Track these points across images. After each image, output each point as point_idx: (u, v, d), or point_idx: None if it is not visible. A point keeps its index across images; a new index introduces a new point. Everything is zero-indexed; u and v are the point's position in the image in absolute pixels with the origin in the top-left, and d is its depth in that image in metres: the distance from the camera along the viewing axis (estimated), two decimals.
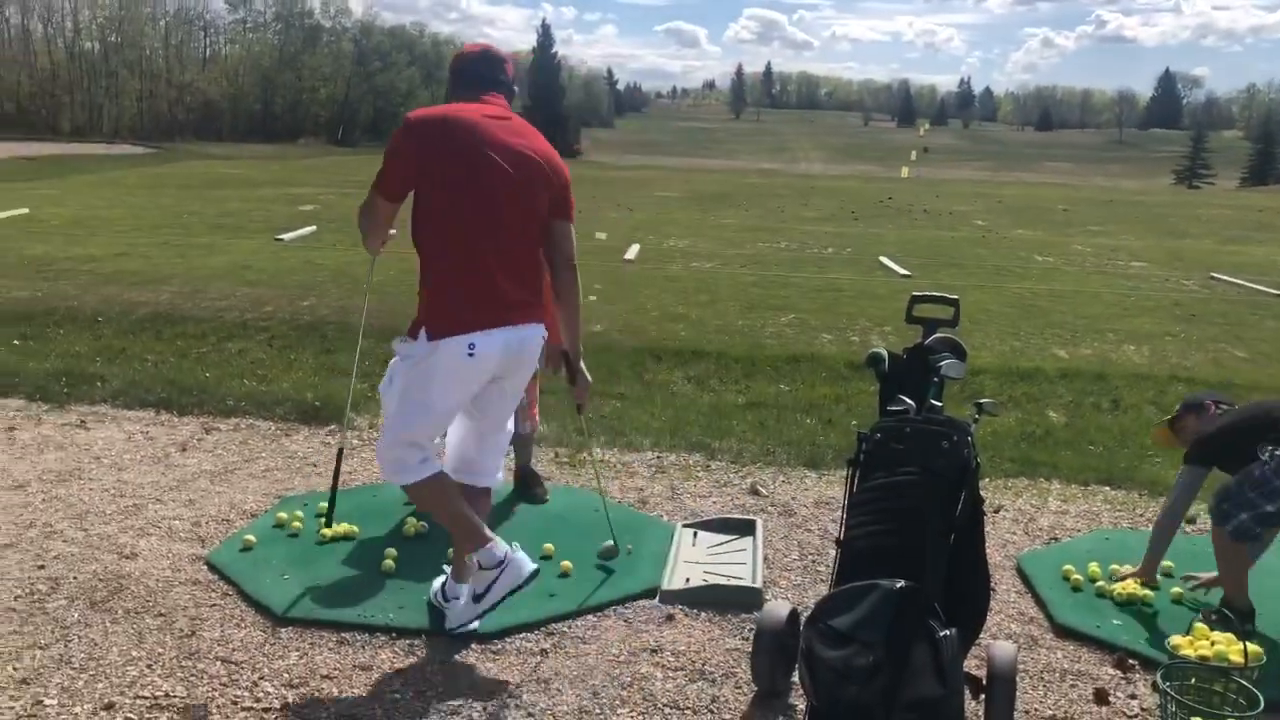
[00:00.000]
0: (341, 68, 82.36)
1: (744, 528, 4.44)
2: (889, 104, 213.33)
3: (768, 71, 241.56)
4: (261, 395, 6.31)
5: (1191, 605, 3.87)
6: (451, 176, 3.18)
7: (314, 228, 15.08)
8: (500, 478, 3.71)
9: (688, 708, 3.09)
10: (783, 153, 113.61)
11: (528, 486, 4.80)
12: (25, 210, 16.40)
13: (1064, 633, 3.71)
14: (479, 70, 3.41)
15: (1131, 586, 3.96)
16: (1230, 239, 20.84)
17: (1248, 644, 3.14)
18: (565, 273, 3.46)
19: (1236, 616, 3.52)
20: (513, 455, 4.78)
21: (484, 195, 3.19)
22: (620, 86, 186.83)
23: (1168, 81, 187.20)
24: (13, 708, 2.92)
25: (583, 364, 3.77)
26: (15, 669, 3.12)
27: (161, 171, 30.68)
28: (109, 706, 2.94)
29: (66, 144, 48.86)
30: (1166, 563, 4.13)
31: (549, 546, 4.11)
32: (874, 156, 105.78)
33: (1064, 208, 28.80)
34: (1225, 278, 13.76)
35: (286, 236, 13.89)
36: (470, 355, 3.18)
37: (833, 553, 4.18)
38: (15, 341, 7.44)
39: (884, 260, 13.99)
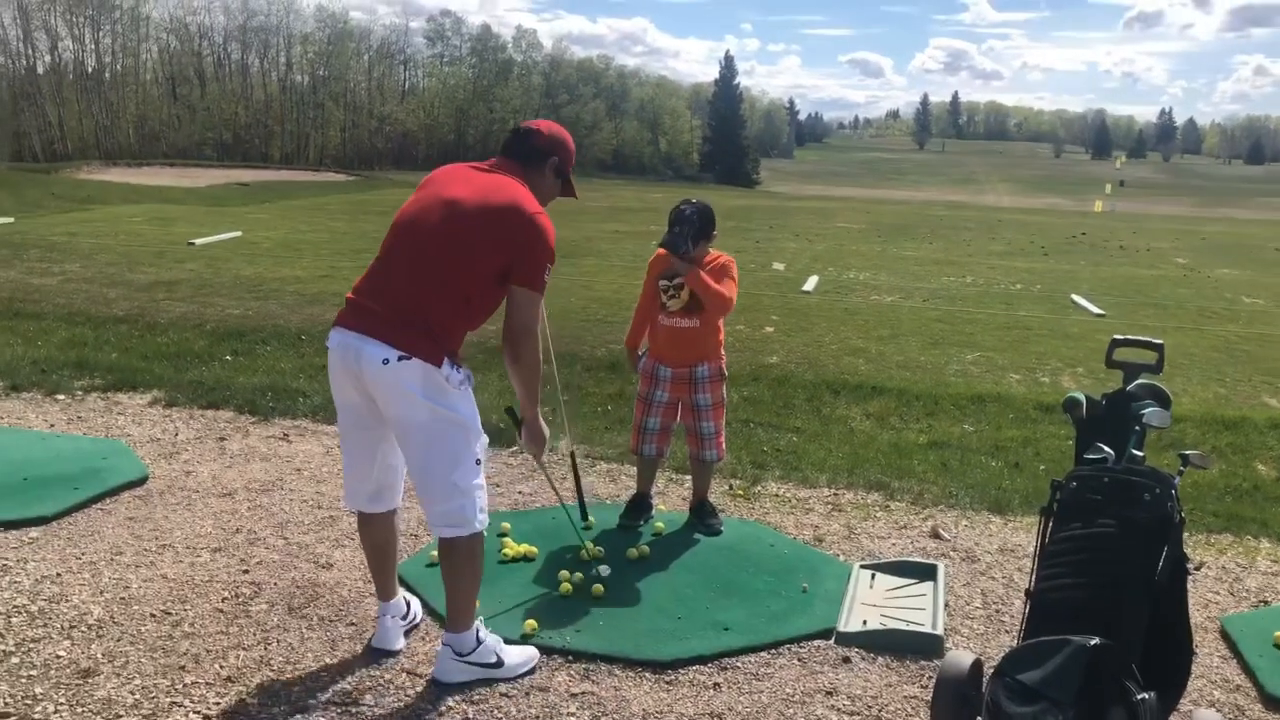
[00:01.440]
0: (531, 100, 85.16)
1: (925, 572, 4.32)
2: (1083, 135, 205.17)
3: (954, 101, 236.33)
4: None
5: None
6: (399, 215, 3.36)
7: None
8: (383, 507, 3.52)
9: None
10: (968, 184, 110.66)
11: (702, 517, 4.81)
12: (239, 233, 17.56)
13: (1274, 704, 3.45)
14: (504, 143, 3.50)
15: None
16: None
17: None
18: (510, 342, 3.30)
19: None
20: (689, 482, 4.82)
21: (411, 224, 3.29)
22: (801, 117, 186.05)
23: None
24: (219, 704, 3.11)
25: (541, 420, 3.61)
26: (221, 667, 3.33)
27: (363, 198, 32.35)
28: (303, 710, 3.10)
29: (276, 171, 52.16)
30: None
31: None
32: (1065, 189, 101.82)
33: (1277, 247, 26.98)
34: None
35: None
36: (329, 346, 3.30)
37: (1018, 603, 4.04)
38: (227, 357, 7.96)
39: (1076, 298, 13.43)
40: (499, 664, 3.36)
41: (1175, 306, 13.19)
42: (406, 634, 3.60)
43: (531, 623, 3.68)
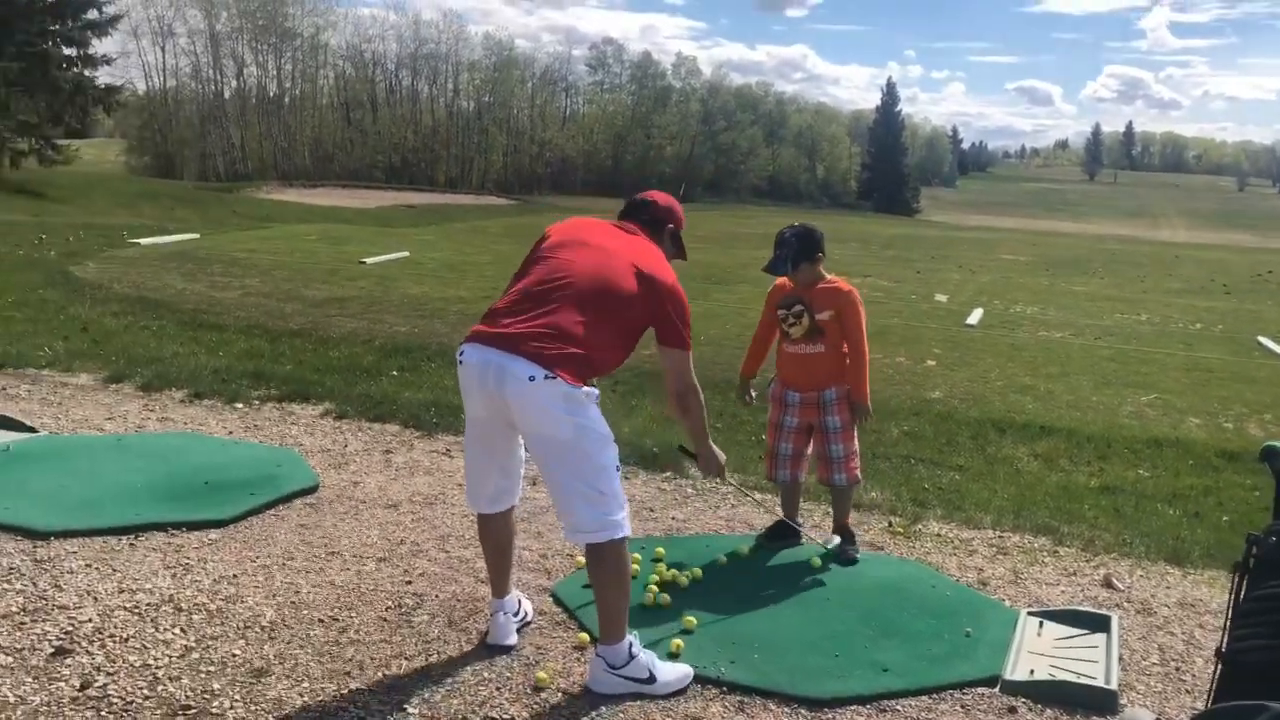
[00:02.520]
0: (688, 126, 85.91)
1: (1097, 623, 4.10)
2: (1269, 168, 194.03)
3: (1128, 131, 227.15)
4: None
5: None
6: (540, 244, 3.59)
7: None
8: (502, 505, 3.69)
9: None
10: (1142, 217, 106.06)
11: (842, 544, 4.72)
12: (407, 253, 18.22)
13: None
14: (624, 211, 3.81)
15: None
16: None
17: None
18: (676, 399, 3.57)
19: None
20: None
21: (565, 259, 3.44)
22: (965, 145, 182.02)
23: None
24: (381, 710, 3.18)
25: (713, 445, 3.83)
26: (384, 675, 3.41)
27: (522, 221, 33.19)
28: None
29: (441, 194, 54.06)
30: None
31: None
32: (1249, 224, 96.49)
33: None
34: None
35: None
36: (460, 361, 3.38)
37: (1200, 661, 3.81)
38: (394, 372, 8.24)
39: (1263, 341, 12.66)
40: (651, 680, 3.37)
41: None
42: (519, 630, 3.74)
43: (678, 642, 3.67)
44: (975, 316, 13.18)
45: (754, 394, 4.98)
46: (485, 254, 19.48)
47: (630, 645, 3.38)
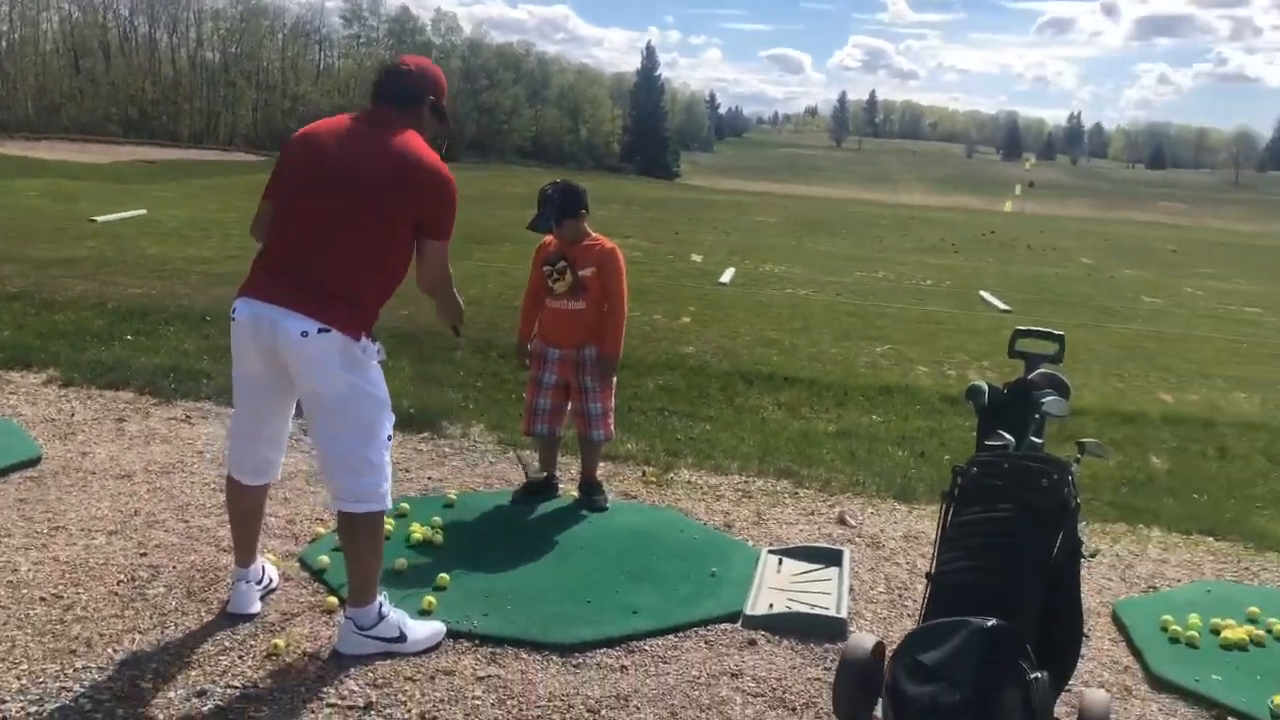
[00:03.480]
0: (450, 84, 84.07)
1: (831, 557, 4.39)
2: (994, 137, 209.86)
3: (871, 100, 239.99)
4: None
5: None
6: (288, 177, 3.29)
7: None
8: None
9: None
10: (883, 182, 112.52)
11: (589, 494, 4.85)
12: (144, 211, 17.07)
13: (1160, 685, 3.58)
14: (375, 86, 3.38)
15: (1240, 632, 3.85)
16: None
17: None
18: (429, 290, 3.40)
19: None
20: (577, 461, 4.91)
21: (315, 191, 3.20)
22: (722, 110, 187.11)
23: None
24: (111, 688, 3.02)
25: (456, 290, 3.57)
26: (115, 650, 3.23)
27: None
28: (201, 694, 3.02)
29: (185, 150, 50.78)
30: (1272, 620, 3.97)
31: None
32: (977, 189, 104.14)
33: (1174, 249, 27.97)
34: None
35: None
36: (233, 318, 3.23)
37: (920, 587, 4.12)
38: (129, 336, 7.73)
39: (984, 295, 13.75)
40: (402, 638, 3.34)
41: (1079, 304, 13.59)
42: (262, 599, 3.63)
43: (430, 599, 3.67)
44: (728, 275, 13.66)
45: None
46: (231, 211, 18.49)
47: (380, 606, 3.34)
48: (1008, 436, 2.96)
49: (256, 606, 3.56)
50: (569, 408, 4.84)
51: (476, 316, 8.64)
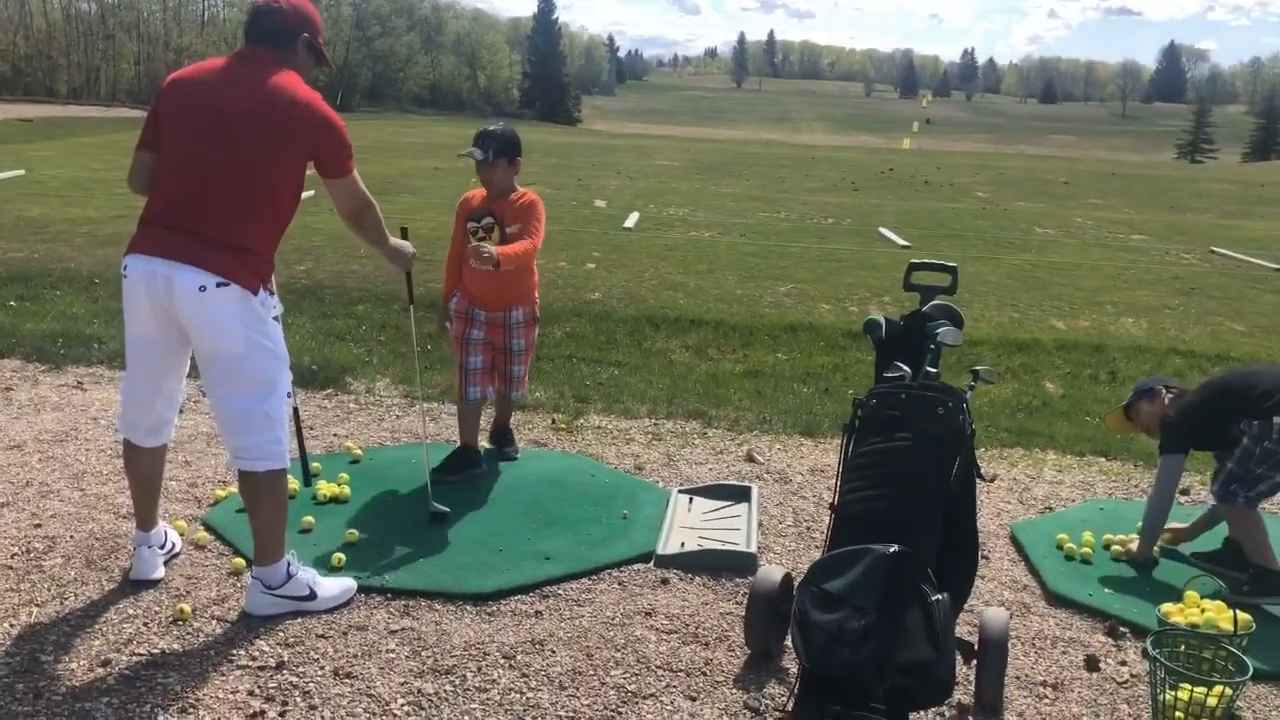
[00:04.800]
0: (340, 32, 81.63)
1: (740, 494, 4.46)
2: (892, 75, 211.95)
3: (770, 40, 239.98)
4: None
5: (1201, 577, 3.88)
6: (165, 124, 3.19)
7: (311, 192, 14.97)
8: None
9: (681, 670, 3.11)
10: (785, 123, 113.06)
11: (502, 444, 4.83)
12: (22, 171, 16.31)
13: (1056, 600, 3.73)
14: (247, 26, 3.29)
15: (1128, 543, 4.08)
16: (1231, 214, 20.77)
17: (1237, 612, 3.15)
18: (351, 223, 3.39)
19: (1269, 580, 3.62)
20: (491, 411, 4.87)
21: (196, 140, 3.11)
22: (621, 54, 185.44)
23: (1172, 55, 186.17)
24: (9, 663, 2.93)
25: (393, 240, 3.65)
26: (11, 625, 3.14)
27: None
28: (105, 663, 2.96)
29: (63, 106, 48.53)
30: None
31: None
32: (876, 127, 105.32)
33: (1065, 180, 28.68)
34: (1225, 252, 13.73)
35: None
36: (124, 275, 3.16)
37: (825, 519, 4.22)
38: (12, 303, 7.43)
39: (884, 231, 13.95)
40: (312, 596, 3.31)
41: (975, 237, 13.86)
42: (168, 563, 3.57)
43: (339, 556, 3.64)
44: (632, 220, 13.61)
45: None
46: (118, 170, 17.74)
47: (288, 564, 3.30)
48: (904, 368, 3.03)
49: (160, 572, 3.49)
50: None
51: (376, 270, 8.49)
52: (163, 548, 3.58)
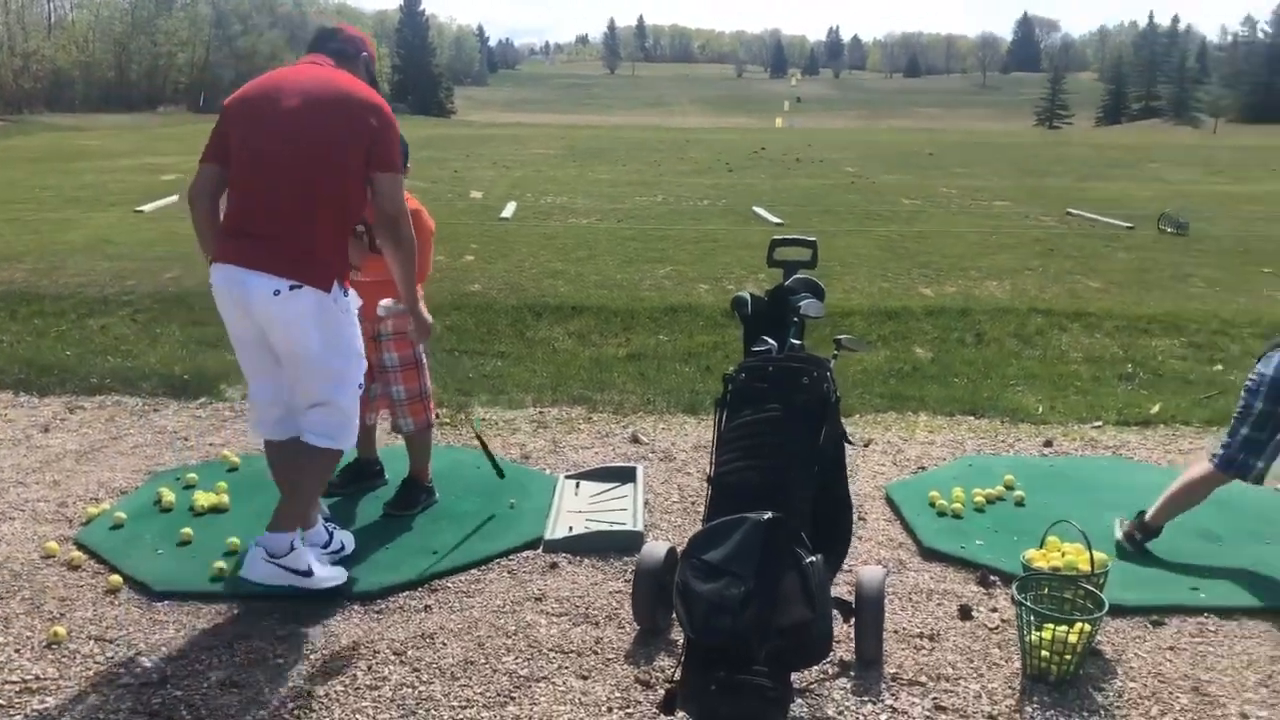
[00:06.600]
0: (200, 31, 79.01)
1: (625, 475, 4.52)
2: (762, 56, 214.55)
3: (640, 25, 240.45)
4: (127, 371, 6.13)
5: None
6: (238, 139, 3.30)
7: (176, 198, 14.54)
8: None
9: (572, 650, 3.16)
10: (659, 107, 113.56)
11: (395, 498, 4.21)
12: None
13: (930, 555, 3.89)
14: (316, 41, 3.56)
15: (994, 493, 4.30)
16: (1086, 176, 21.71)
17: (1094, 552, 3.34)
18: (386, 227, 3.37)
19: (1142, 533, 3.80)
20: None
21: (268, 147, 3.25)
22: (493, 43, 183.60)
23: (1026, 26, 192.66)
24: None
25: (423, 307, 3.65)
26: None
27: (10, 144, 29.13)
28: None
29: None
30: (1021, 489, 4.38)
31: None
32: (749, 108, 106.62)
33: (930, 152, 29.54)
34: (1081, 213, 14.35)
35: (148, 208, 13.39)
36: (211, 284, 3.31)
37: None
38: None
39: (757, 210, 14.19)
40: (309, 573, 3.37)
41: (845, 211, 14.20)
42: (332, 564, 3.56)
43: (220, 565, 3.58)
44: (510, 210, 13.57)
45: None
46: None
47: (293, 540, 3.35)
48: (771, 341, 3.11)
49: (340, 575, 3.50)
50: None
51: None
52: (326, 547, 3.61)
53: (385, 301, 3.78)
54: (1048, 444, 5.23)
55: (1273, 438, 3.70)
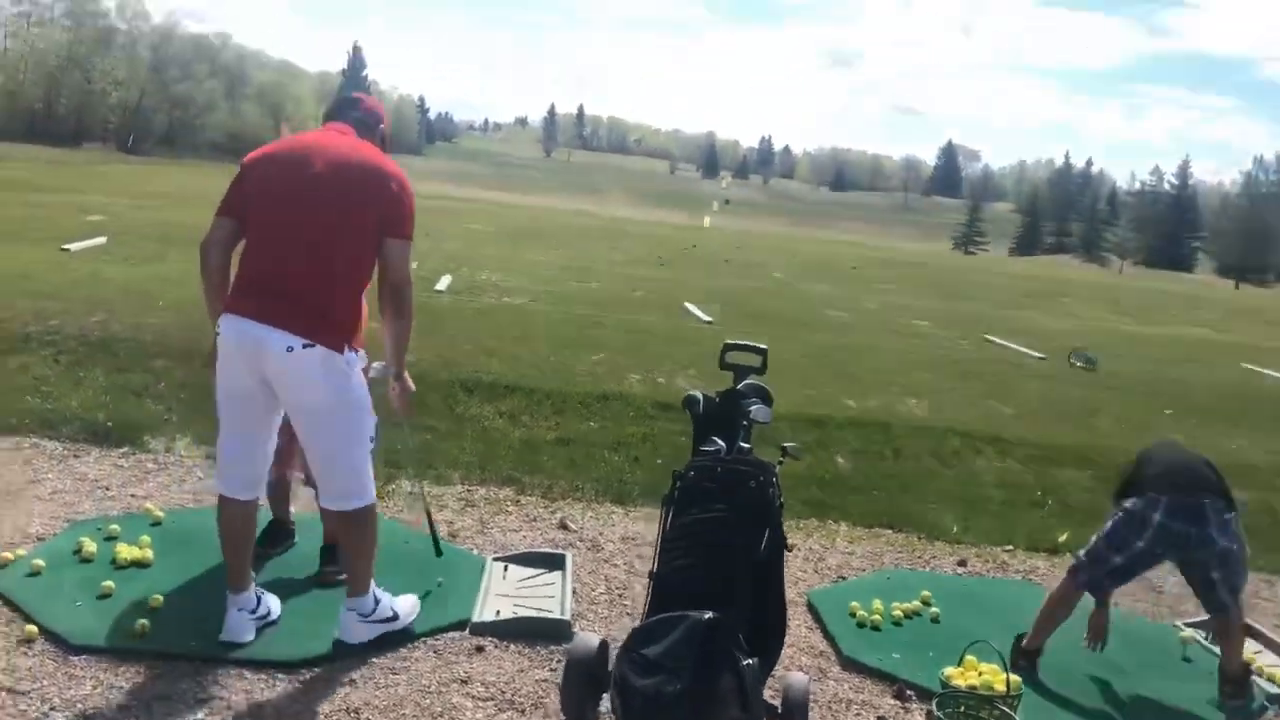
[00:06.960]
0: (137, 73, 78.20)
1: (553, 561, 4.54)
2: (696, 155, 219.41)
3: (580, 113, 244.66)
4: (47, 414, 5.97)
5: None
6: (258, 197, 3.42)
7: (103, 239, 14.29)
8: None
9: None
10: (593, 194, 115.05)
11: (321, 565, 4.16)
12: None
13: (850, 665, 3.97)
14: (335, 109, 3.73)
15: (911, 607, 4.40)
16: (1002, 304, 22.54)
17: (1010, 675, 3.46)
18: (393, 295, 3.49)
19: (1025, 658, 3.91)
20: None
21: (288, 207, 3.36)
22: (432, 115, 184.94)
23: (950, 153, 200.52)
24: None
25: (407, 375, 3.76)
26: None
27: None
28: None
29: None
30: (930, 604, 4.50)
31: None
32: (680, 204, 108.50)
33: (854, 266, 30.39)
34: (997, 340, 14.89)
35: (73, 247, 13.10)
36: (218, 333, 3.37)
37: (639, 586, 4.36)
38: None
39: (689, 306, 14.43)
40: (396, 617, 3.66)
41: (773, 317, 14.53)
42: (257, 632, 3.56)
43: (143, 623, 3.51)
44: (444, 283, 13.59)
45: None
46: None
47: (375, 593, 3.60)
48: (720, 442, 3.21)
49: (250, 635, 3.51)
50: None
51: (179, 322, 8.18)
52: (253, 612, 3.55)
53: (375, 364, 3.80)
54: (962, 563, 5.39)
55: (1138, 575, 4.02)
